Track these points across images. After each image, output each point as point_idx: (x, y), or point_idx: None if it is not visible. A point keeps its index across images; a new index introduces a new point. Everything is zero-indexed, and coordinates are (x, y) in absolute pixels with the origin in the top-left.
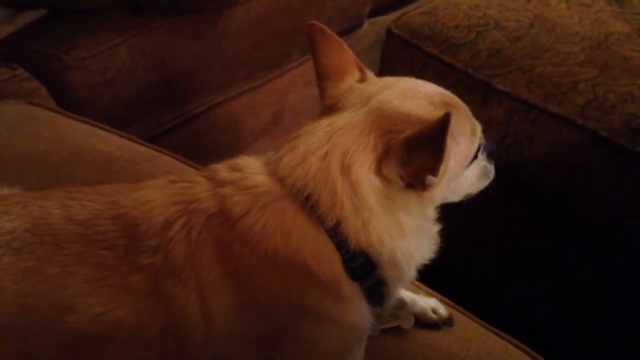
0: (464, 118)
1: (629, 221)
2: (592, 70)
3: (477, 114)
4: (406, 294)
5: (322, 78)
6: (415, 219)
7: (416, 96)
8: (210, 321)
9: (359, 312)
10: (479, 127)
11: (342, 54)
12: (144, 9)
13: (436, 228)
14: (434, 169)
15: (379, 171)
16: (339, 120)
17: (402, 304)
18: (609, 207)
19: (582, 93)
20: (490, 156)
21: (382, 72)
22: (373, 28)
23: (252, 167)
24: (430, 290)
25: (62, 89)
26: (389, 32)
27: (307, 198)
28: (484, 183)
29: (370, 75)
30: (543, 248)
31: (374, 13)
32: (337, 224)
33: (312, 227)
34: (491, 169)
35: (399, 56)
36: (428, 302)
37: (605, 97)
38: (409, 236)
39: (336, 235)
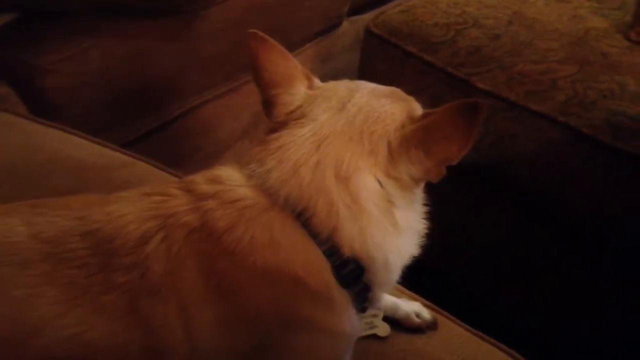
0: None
1: (613, 218)
2: (571, 67)
3: None
4: (389, 299)
5: (271, 86)
6: (412, 214)
7: (384, 95)
8: (194, 339)
9: (349, 319)
10: None
11: (288, 61)
12: (118, 12)
13: (424, 223)
14: (460, 156)
15: (385, 173)
16: (321, 128)
17: (377, 312)
18: (594, 205)
19: (562, 90)
20: None
21: (361, 71)
22: (352, 27)
23: (234, 179)
24: (413, 294)
25: (35, 94)
26: (367, 31)
27: (301, 210)
28: None
29: (317, 81)
30: (530, 245)
31: (353, 11)
32: (332, 233)
33: (302, 238)
34: None
35: (378, 55)
36: (411, 306)
37: (585, 94)
38: (403, 234)
39: (327, 244)
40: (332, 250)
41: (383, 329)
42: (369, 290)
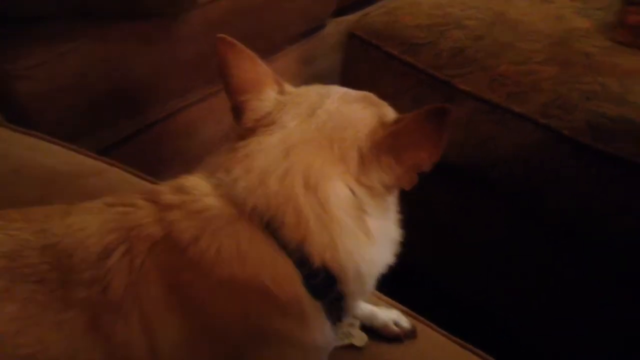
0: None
1: (598, 218)
2: (553, 69)
3: None
4: (367, 307)
5: (239, 92)
6: (385, 223)
7: (356, 100)
8: (159, 356)
9: (322, 331)
10: None
11: (257, 67)
12: (96, 16)
13: (399, 229)
14: (431, 163)
15: (356, 181)
16: (290, 135)
17: (353, 322)
18: (578, 205)
19: (544, 92)
20: None
21: (344, 73)
22: (337, 28)
23: (200, 189)
24: (392, 302)
25: (9, 100)
26: (350, 33)
27: (269, 220)
28: None
29: (288, 86)
30: (520, 245)
31: (339, 12)
32: (301, 243)
33: (270, 249)
34: None
35: (360, 57)
36: (389, 315)
37: (568, 95)
38: (376, 243)
39: (297, 254)
40: (302, 261)
41: (360, 339)
42: (343, 300)
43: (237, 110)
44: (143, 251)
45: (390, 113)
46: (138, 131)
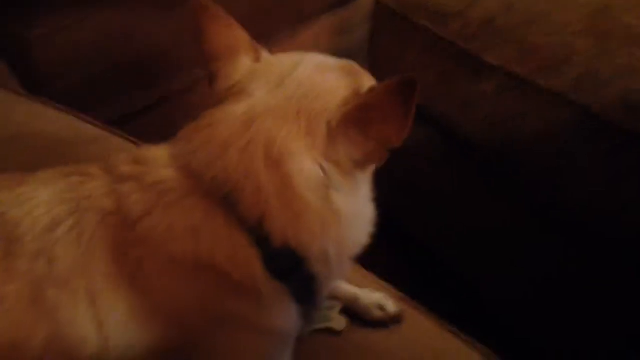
0: None
1: (616, 208)
2: (588, 40)
3: (467, 89)
4: (349, 289)
5: (214, 58)
6: (357, 202)
7: (331, 69)
8: (106, 334)
9: (284, 315)
10: None
11: (233, 32)
12: None
13: (373, 207)
14: (400, 138)
15: (324, 156)
16: (255, 105)
17: (333, 305)
18: (598, 193)
19: (576, 65)
20: None
21: (371, 46)
22: None
23: (158, 160)
24: (381, 282)
25: (26, 67)
26: (377, 2)
27: (227, 195)
28: None
29: (265, 54)
30: (525, 235)
31: None
32: (261, 221)
33: (227, 225)
34: None
35: (387, 28)
36: (373, 298)
37: (600, 70)
38: (345, 223)
39: (257, 232)
40: (262, 240)
41: (339, 323)
42: (314, 282)
43: (212, 77)
44: (92, 224)
45: (368, 84)
46: (157, 102)
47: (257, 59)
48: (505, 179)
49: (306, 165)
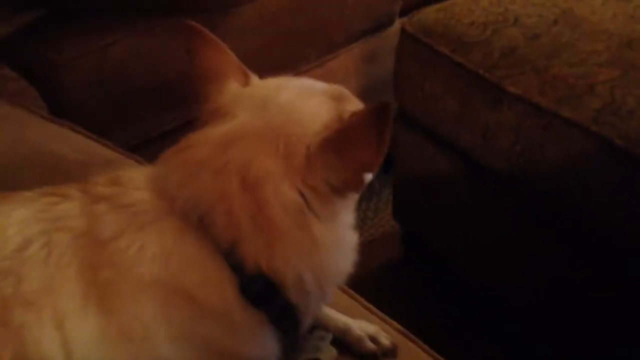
0: None
1: (619, 219)
2: (613, 71)
3: (488, 118)
4: (340, 319)
5: (202, 81)
6: (336, 230)
7: (315, 94)
8: (71, 355)
9: (259, 343)
10: None
11: (223, 56)
12: (142, 9)
13: (356, 236)
14: (375, 164)
15: (302, 181)
16: (234, 128)
17: (324, 335)
18: (617, 224)
19: (599, 96)
20: None
21: (396, 73)
22: None
23: (134, 181)
24: (377, 312)
25: (54, 89)
26: (402, 30)
27: (200, 217)
28: None
29: (255, 78)
30: (531, 244)
31: (409, 10)
32: (234, 246)
33: (200, 250)
34: None
35: (411, 56)
36: (366, 329)
37: (623, 101)
38: (324, 251)
39: (231, 257)
40: (237, 265)
41: (328, 354)
42: (294, 311)
43: (202, 100)
44: (63, 245)
45: (352, 110)
46: (178, 127)
47: (246, 84)
48: (515, 193)
49: (283, 189)
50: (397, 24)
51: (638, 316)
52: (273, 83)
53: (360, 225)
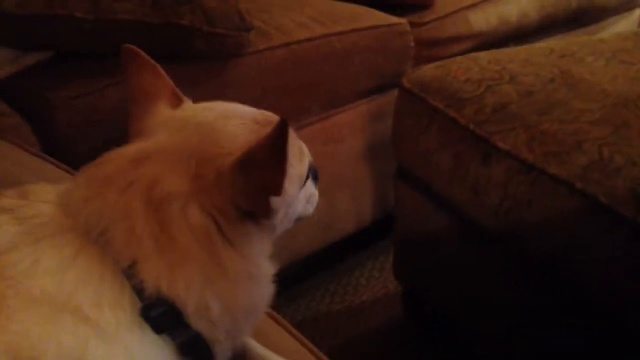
0: (293, 135)
1: (629, 301)
2: (604, 129)
3: (478, 173)
4: (260, 352)
5: (134, 103)
6: (250, 259)
7: (239, 116)
8: None
9: None
10: (305, 147)
11: (157, 79)
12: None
13: (273, 270)
14: (277, 186)
15: (209, 202)
16: (149, 146)
17: None
18: (609, 283)
19: (586, 153)
20: (315, 181)
21: (394, 129)
22: None
23: (40, 195)
24: (313, 350)
25: (48, 128)
26: (400, 86)
27: (101, 234)
28: (310, 210)
29: (188, 103)
30: (535, 314)
31: None
32: (134, 266)
33: (98, 268)
34: (316, 195)
35: (408, 110)
36: None
37: (611, 159)
38: (234, 280)
39: (133, 279)
40: (138, 287)
41: None
42: (201, 340)
43: (130, 120)
44: None
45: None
46: None
47: (177, 108)
48: (505, 250)
49: (189, 210)
50: None
51: None
52: (202, 106)
53: (365, 284)
